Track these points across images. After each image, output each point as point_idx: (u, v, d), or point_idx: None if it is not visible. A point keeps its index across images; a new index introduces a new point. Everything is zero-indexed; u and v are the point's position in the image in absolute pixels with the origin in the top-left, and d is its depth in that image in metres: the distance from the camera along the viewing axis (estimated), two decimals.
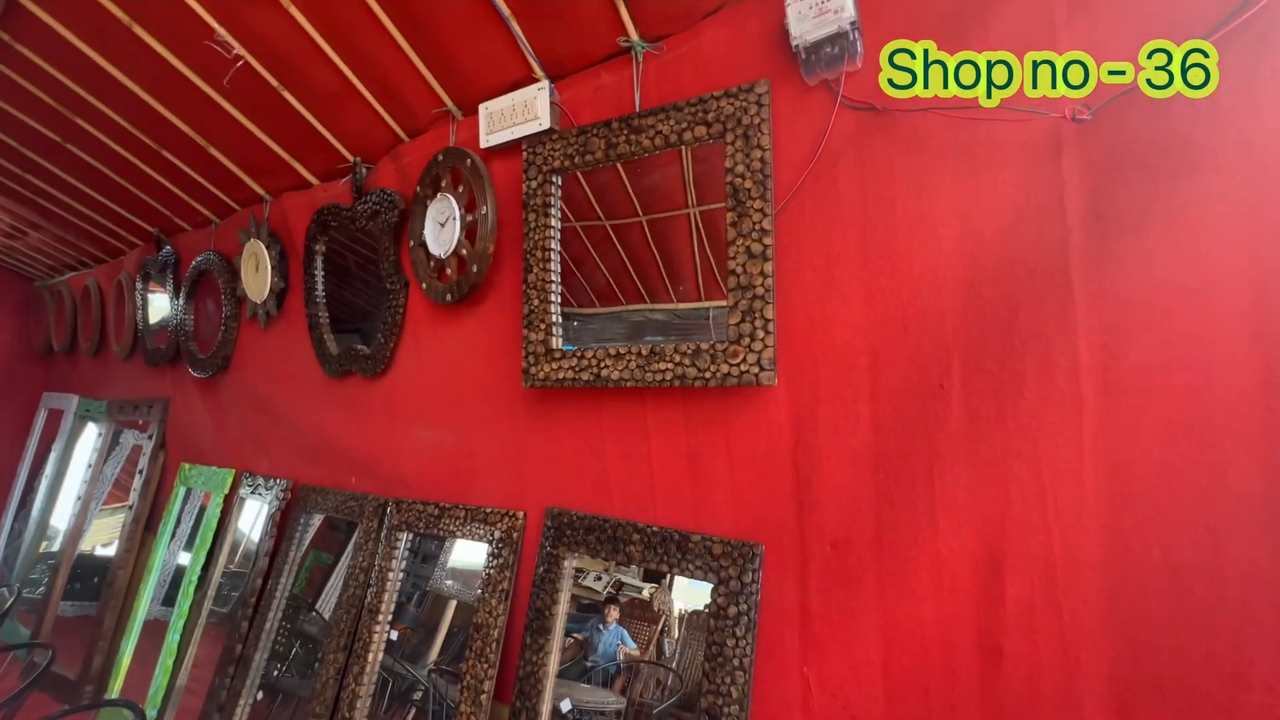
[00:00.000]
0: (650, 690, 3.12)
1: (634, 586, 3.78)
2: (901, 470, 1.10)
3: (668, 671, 3.24)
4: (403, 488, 1.96)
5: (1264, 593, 0.83)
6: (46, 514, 3.70)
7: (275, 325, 2.44)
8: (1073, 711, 0.94)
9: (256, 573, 2.26)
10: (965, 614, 1.03)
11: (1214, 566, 0.86)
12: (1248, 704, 0.83)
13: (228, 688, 2.12)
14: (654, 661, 3.24)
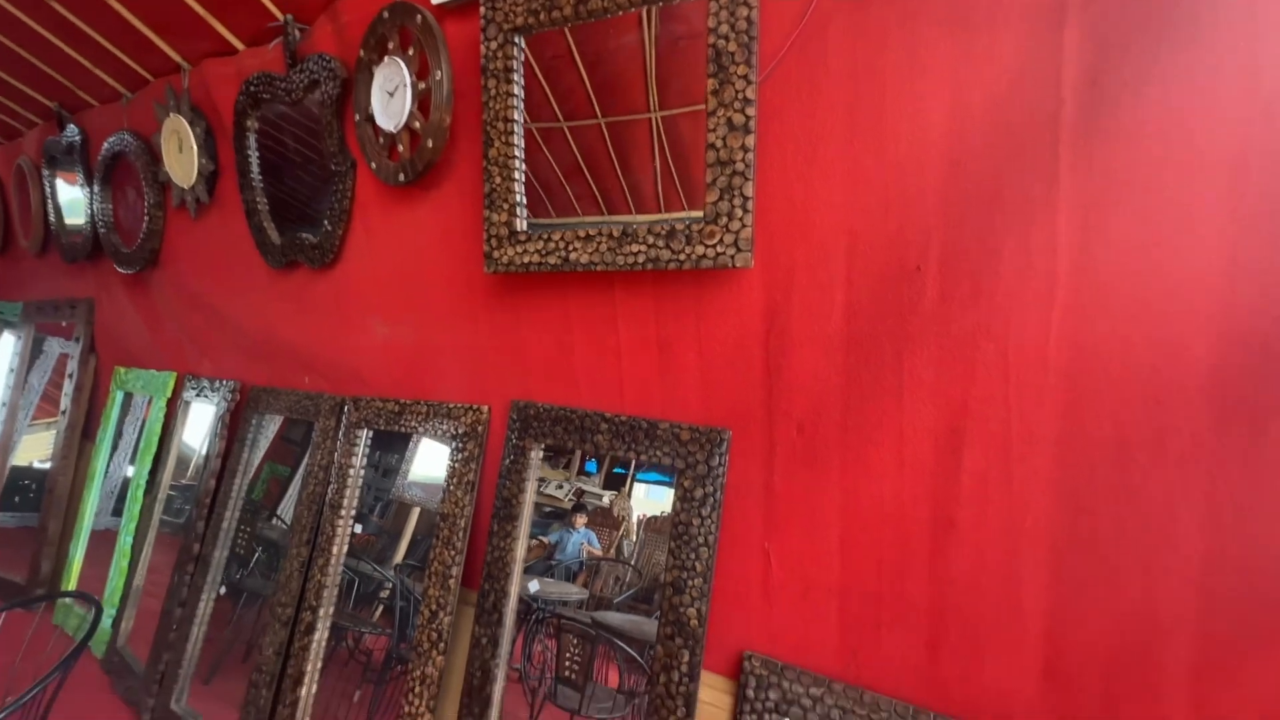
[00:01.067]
0: (610, 586, 3.29)
1: (594, 494, 3.88)
2: (871, 354, 1.10)
3: (626, 568, 3.41)
4: (360, 385, 1.89)
5: (1199, 460, 0.88)
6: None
7: (208, 214, 2.23)
8: (1012, 575, 1.00)
9: (209, 474, 2.20)
10: (922, 489, 1.07)
11: (1157, 438, 0.90)
12: (1170, 563, 0.90)
13: (188, 585, 2.11)
14: (614, 559, 3.39)
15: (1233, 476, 0.86)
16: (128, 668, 2.21)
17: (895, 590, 1.10)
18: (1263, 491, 0.85)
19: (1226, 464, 0.86)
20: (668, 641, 1.24)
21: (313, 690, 1.72)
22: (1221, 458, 0.86)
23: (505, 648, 1.48)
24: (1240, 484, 0.86)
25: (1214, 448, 0.87)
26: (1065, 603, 0.96)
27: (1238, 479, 0.86)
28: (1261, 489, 0.85)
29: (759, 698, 1.19)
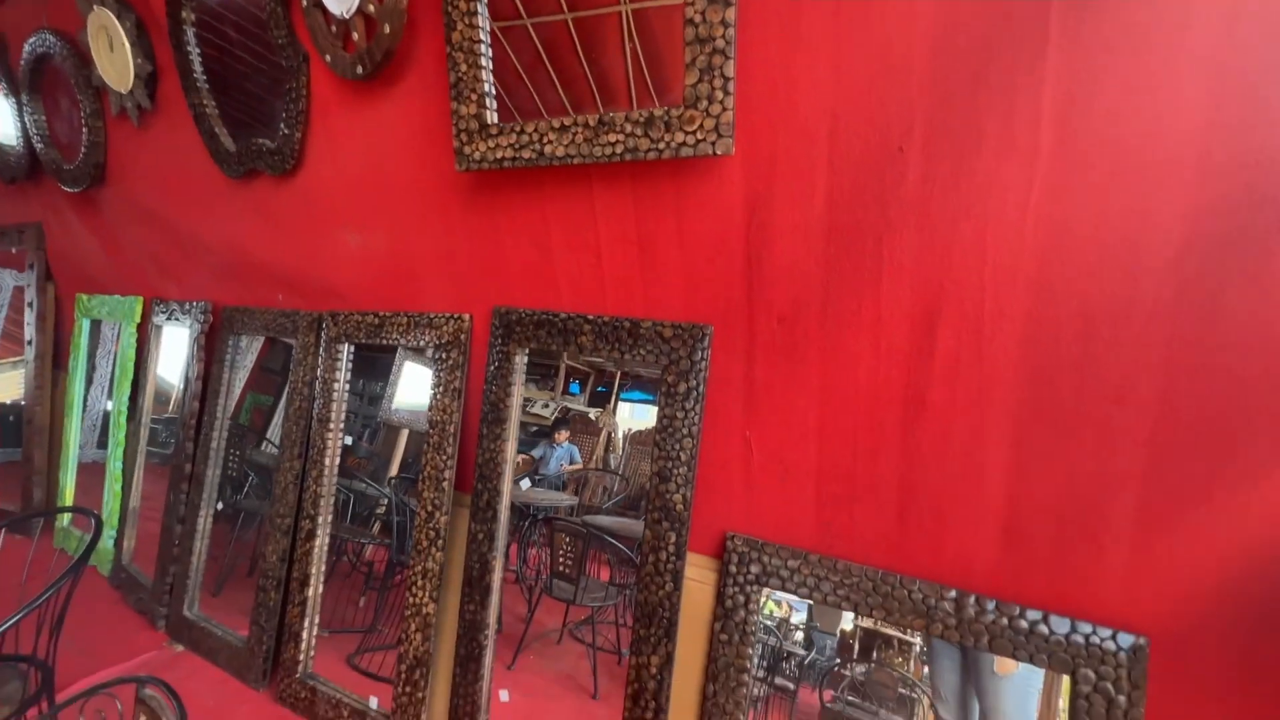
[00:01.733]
0: (598, 495, 3.42)
1: (580, 411, 3.96)
2: (852, 242, 1.10)
3: (614, 478, 3.54)
4: (336, 300, 1.86)
5: (1159, 329, 0.92)
6: None
7: (153, 122, 2.08)
8: (977, 447, 1.07)
9: (191, 395, 2.19)
10: (896, 372, 1.11)
11: (1123, 309, 0.94)
12: (1123, 426, 0.96)
13: (184, 502, 2.15)
14: (601, 469, 3.51)
15: (1188, 343, 0.91)
16: (136, 582, 2.29)
17: (868, 468, 1.16)
18: (1215, 356, 0.90)
19: (1183, 331, 0.90)
20: (655, 525, 1.31)
21: (319, 591, 1.81)
22: (1179, 325, 0.90)
23: (501, 541, 1.56)
24: (1195, 349, 0.90)
25: (1173, 317, 0.90)
26: (1025, 469, 1.03)
27: (1193, 345, 0.90)
28: (1214, 353, 0.89)
29: (741, 572, 1.29)
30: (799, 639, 1.35)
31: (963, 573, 1.11)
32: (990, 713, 1.14)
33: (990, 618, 1.07)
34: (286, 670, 1.78)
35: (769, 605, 1.35)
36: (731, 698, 1.27)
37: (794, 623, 1.35)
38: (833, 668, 1.32)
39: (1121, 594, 0.99)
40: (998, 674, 1.13)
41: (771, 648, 1.36)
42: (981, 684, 1.15)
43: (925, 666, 1.21)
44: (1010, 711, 1.12)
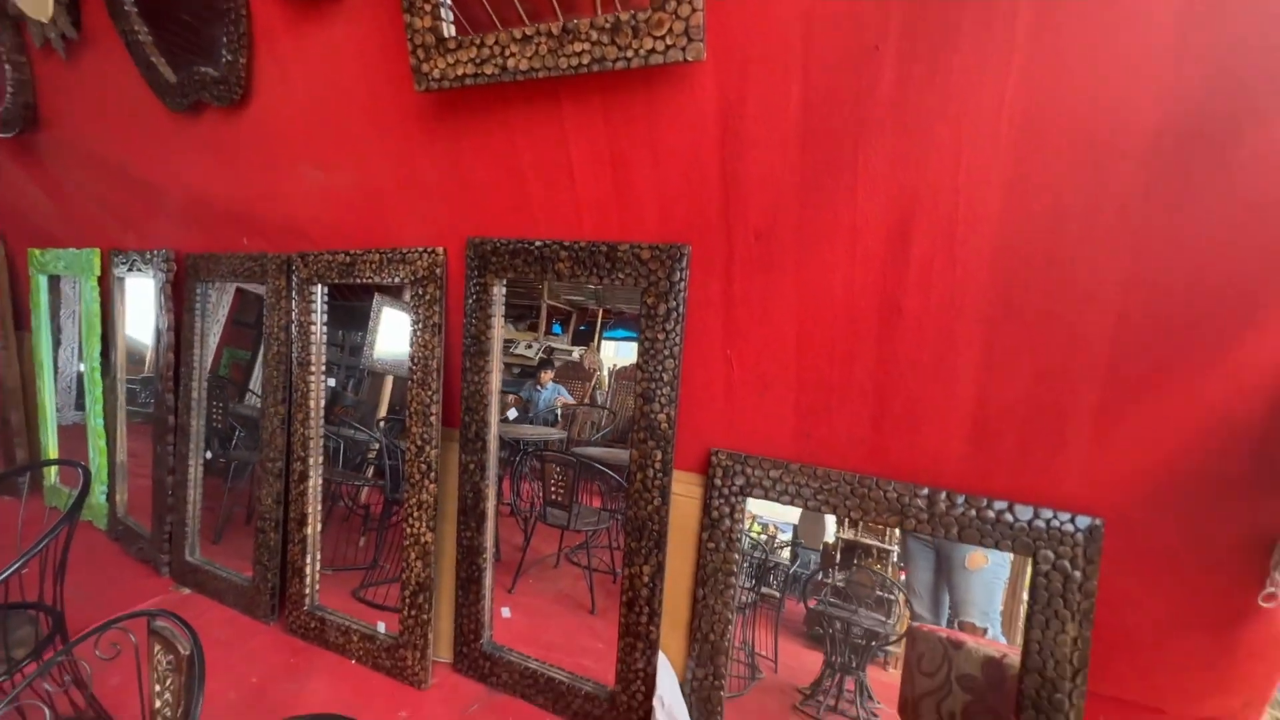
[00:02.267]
0: (586, 430, 3.48)
1: (564, 351, 3.97)
2: (828, 149, 1.08)
3: (601, 412, 3.60)
4: (304, 240, 1.80)
5: (1128, 225, 0.93)
6: None
7: (81, 54, 1.93)
8: (949, 347, 1.10)
9: (165, 347, 2.14)
10: (871, 280, 1.12)
11: (1094, 203, 0.94)
12: (1089, 322, 0.99)
13: (172, 453, 2.15)
14: (589, 404, 3.56)
15: (1155, 238, 0.93)
16: (134, 533, 2.32)
17: (845, 377, 1.19)
18: (1179, 248, 0.92)
19: (1151, 223, 0.92)
20: (642, 444, 1.35)
21: (317, 529, 1.85)
22: (1148, 217, 0.92)
23: (492, 470, 1.59)
24: (1161, 241, 0.92)
25: (1142, 210, 0.92)
26: (994, 370, 1.07)
27: (1159, 237, 0.92)
28: (1179, 245, 0.91)
29: (725, 485, 1.34)
30: (785, 556, 1.43)
31: (934, 471, 1.17)
32: (960, 603, 1.23)
33: (959, 510, 1.14)
34: (294, 604, 1.85)
35: (754, 527, 1.42)
36: (720, 599, 1.35)
37: (780, 540, 1.43)
38: (815, 576, 1.41)
39: (1080, 481, 1.06)
40: (968, 569, 1.21)
41: (758, 561, 1.44)
42: (953, 579, 1.23)
43: (902, 572, 1.30)
44: (979, 600, 1.22)
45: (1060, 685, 1.07)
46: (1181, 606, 1.01)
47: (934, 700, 1.27)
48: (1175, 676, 1.04)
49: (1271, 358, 0.89)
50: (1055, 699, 1.07)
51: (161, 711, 1.07)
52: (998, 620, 1.22)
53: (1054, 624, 1.07)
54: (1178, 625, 1.02)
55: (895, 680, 1.32)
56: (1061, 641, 1.06)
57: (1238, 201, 0.87)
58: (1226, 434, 0.93)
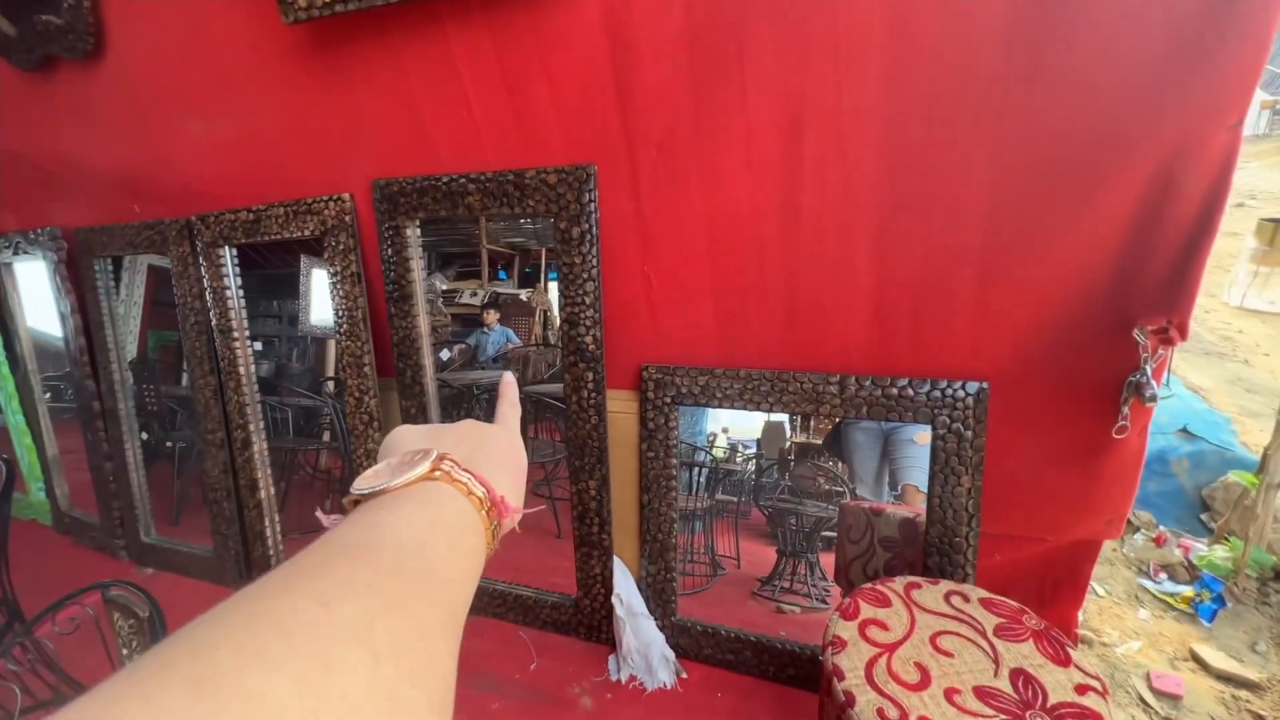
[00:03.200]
0: (541, 371, 3.51)
1: (510, 294, 3.92)
2: (715, 53, 1.09)
3: (553, 352, 3.60)
4: (199, 200, 1.70)
5: (991, 102, 0.99)
6: None
7: None
8: (846, 239, 1.16)
9: (73, 329, 2.03)
10: (770, 182, 1.16)
11: (960, 85, 0.99)
12: (965, 196, 1.06)
13: (105, 439, 2.09)
14: (539, 345, 3.57)
15: (1015, 114, 0.98)
16: (84, 524, 2.28)
17: (756, 280, 1.25)
18: (1037, 122, 0.98)
19: (1010, 102, 0.98)
20: (572, 368, 1.40)
21: (270, 492, 1.86)
22: (1008, 96, 0.97)
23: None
24: (1020, 120, 0.98)
25: (1003, 84, 0.97)
26: (887, 256, 1.14)
27: (1019, 116, 0.98)
28: (1036, 118, 0.98)
29: (658, 397, 1.41)
30: (751, 469, 1.54)
31: (843, 359, 1.26)
32: (905, 469, 1.34)
33: (867, 392, 1.24)
34: (260, 566, 1.88)
35: (718, 449, 1.51)
36: (664, 501, 1.45)
37: (745, 454, 1.52)
38: (770, 478, 1.53)
39: (968, 351, 1.16)
40: (916, 442, 1.32)
41: (710, 470, 1.54)
42: (900, 453, 1.34)
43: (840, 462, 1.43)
44: (922, 464, 1.33)
45: (958, 530, 1.21)
46: (1053, 448, 1.15)
47: (861, 563, 1.42)
48: (1051, 509, 1.20)
49: (1118, 212, 0.98)
50: (955, 542, 1.22)
51: None
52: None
53: (951, 479, 1.20)
54: (1051, 465, 1.16)
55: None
56: (958, 493, 1.20)
57: (1085, 66, 0.93)
58: (1082, 294, 1.04)
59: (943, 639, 0.96)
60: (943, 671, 0.90)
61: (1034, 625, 0.98)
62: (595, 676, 1.46)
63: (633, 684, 1.43)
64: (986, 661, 0.91)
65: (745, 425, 1.50)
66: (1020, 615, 1.00)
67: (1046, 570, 1.28)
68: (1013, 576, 1.27)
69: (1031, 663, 0.91)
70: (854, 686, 0.89)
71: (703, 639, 1.47)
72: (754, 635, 1.42)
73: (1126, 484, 1.12)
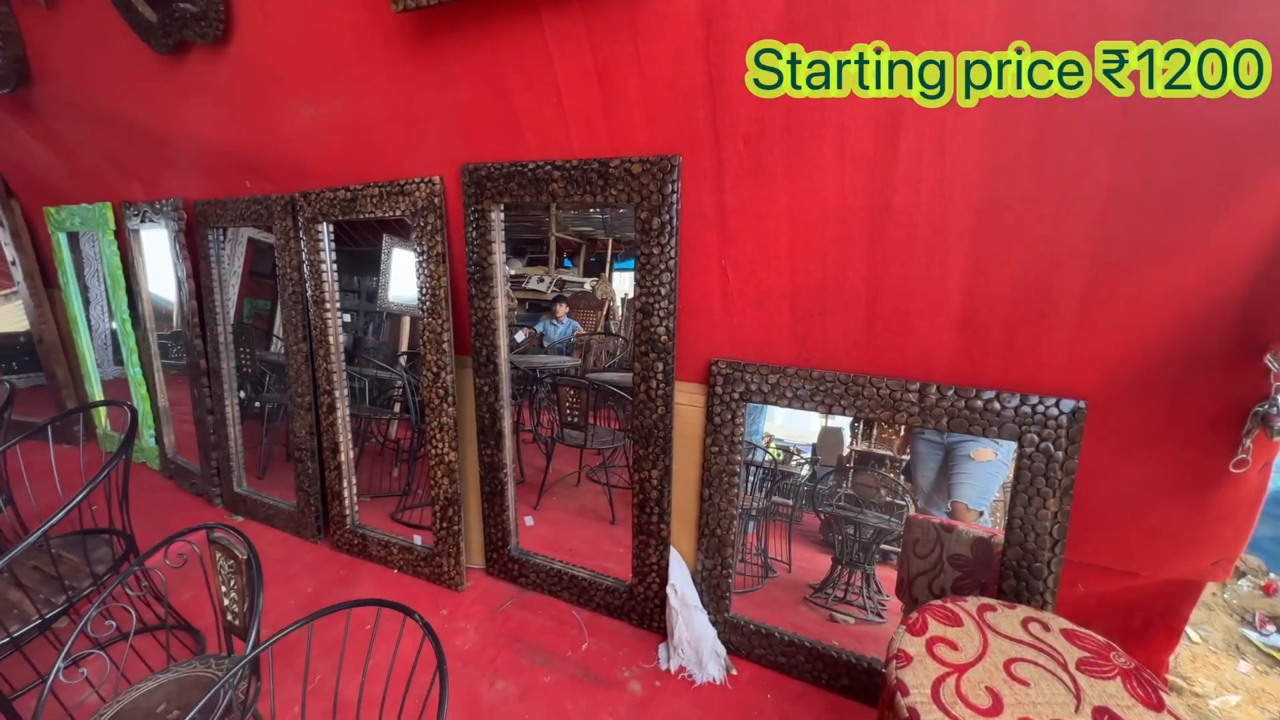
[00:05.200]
0: (601, 359, 3.55)
1: (575, 283, 4.00)
2: (814, 40, 1.06)
3: (615, 340, 3.66)
4: (304, 178, 1.82)
5: (1119, 98, 0.92)
6: None
7: (60, 1, 1.90)
8: (940, 243, 1.11)
9: (187, 294, 2.23)
10: (861, 178, 1.12)
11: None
12: (1076, 201, 0.99)
13: (209, 394, 2.28)
14: (602, 333, 3.62)
15: (1143, 116, 0.91)
16: (186, 471, 2.50)
17: (837, 279, 1.22)
18: (1168, 129, 0.90)
19: (1139, 107, 0.90)
20: (643, 357, 1.41)
21: (350, 455, 1.98)
22: (1137, 100, 0.90)
23: (505, 391, 1.67)
24: (1150, 121, 0.91)
25: (1133, 80, 0.90)
26: (982, 261, 1.09)
27: (1148, 119, 0.91)
28: (1165, 120, 0.90)
29: (726, 393, 1.40)
30: (805, 473, 1.51)
31: (925, 366, 1.21)
32: (958, 486, 1.30)
33: (949, 402, 1.18)
34: (337, 524, 2.01)
35: (773, 449, 1.49)
36: (725, 497, 1.44)
37: (800, 459, 1.50)
38: (829, 484, 1.49)
39: (1065, 366, 1.09)
40: (974, 459, 1.27)
41: (769, 471, 1.52)
42: (956, 468, 1.30)
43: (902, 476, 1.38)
44: (977, 485, 1.28)
45: (1039, 555, 1.15)
46: (1156, 477, 1.07)
47: (927, 579, 1.37)
48: (1149, 542, 1.11)
49: (1250, 238, 0.89)
50: (1034, 567, 1.15)
51: (230, 608, 1.22)
52: (988, 507, 1.29)
53: (1035, 500, 1.14)
54: (1153, 495, 1.08)
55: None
56: (1042, 516, 1.13)
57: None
58: (1204, 312, 0.95)
59: (1018, 666, 0.91)
60: (1016, 700, 0.86)
61: (1123, 664, 0.91)
62: (645, 663, 1.48)
63: (681, 675, 1.44)
64: (1067, 696, 0.86)
65: (801, 428, 1.46)
66: (1107, 651, 0.94)
67: (1136, 607, 1.19)
68: (1096, 609, 1.19)
69: (1118, 703, 0.85)
70: (919, 704, 0.86)
71: (755, 638, 1.46)
72: (809, 640, 1.40)
73: (1241, 524, 1.03)
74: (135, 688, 1.16)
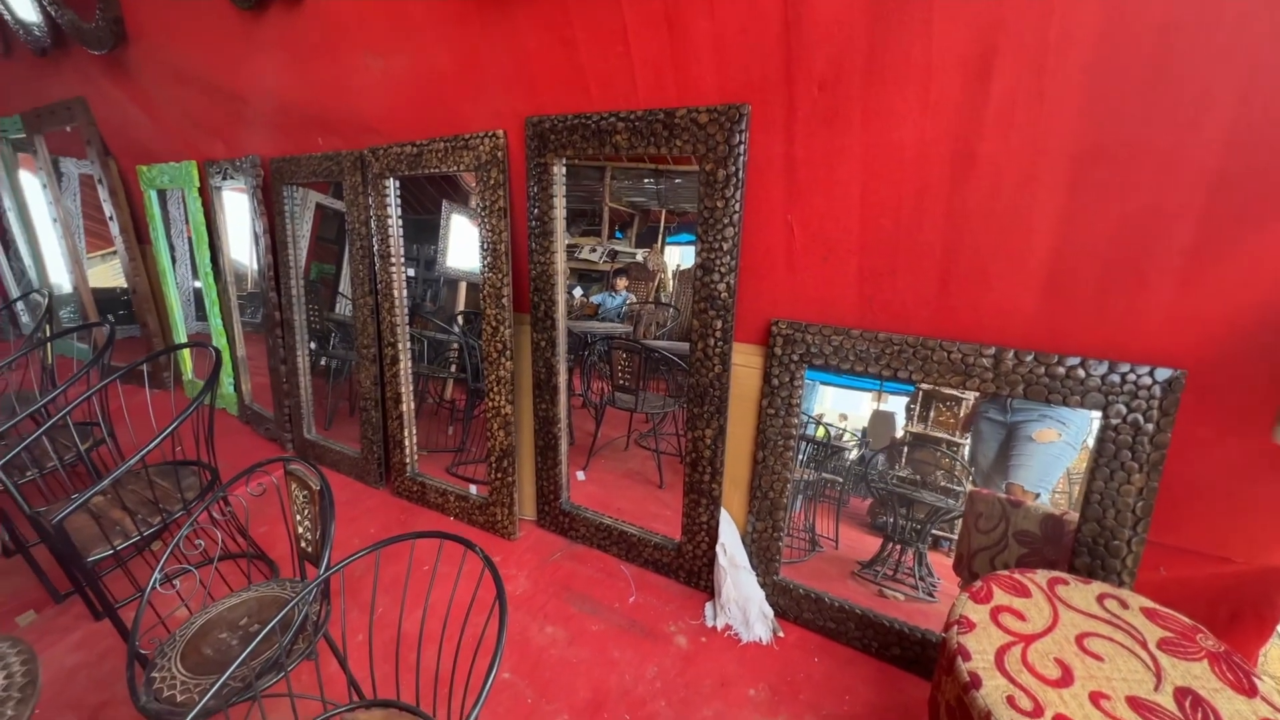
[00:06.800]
0: (652, 330, 3.55)
1: (628, 254, 3.97)
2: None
3: (666, 311, 3.64)
4: (372, 134, 1.87)
5: (1247, 29, 0.82)
6: (39, 260, 3.67)
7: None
8: (1028, 195, 1.03)
9: (264, 250, 2.34)
10: (945, 126, 1.05)
11: (1208, 12, 0.83)
12: (1190, 148, 0.90)
13: (282, 344, 2.41)
14: (654, 303, 3.60)
15: (1274, 54, 0.81)
16: (261, 416, 2.67)
17: (911, 235, 1.16)
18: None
19: (1271, 40, 0.80)
20: (702, 315, 1.39)
21: (411, 406, 2.06)
22: (1271, 32, 0.80)
23: (562, 345, 1.69)
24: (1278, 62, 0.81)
25: (1266, 22, 0.80)
26: (1076, 215, 1.01)
27: (1277, 56, 0.81)
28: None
29: (785, 354, 1.37)
30: (852, 456, 1.46)
31: (1000, 329, 1.15)
32: (1017, 468, 1.24)
33: (1027, 368, 1.12)
34: (397, 472, 2.10)
35: (821, 430, 1.45)
36: (779, 460, 1.42)
37: (849, 442, 1.45)
38: (879, 469, 1.44)
39: (1161, 331, 1.01)
40: (1035, 440, 1.21)
41: (820, 444, 1.48)
42: (1017, 449, 1.24)
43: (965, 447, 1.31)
44: (1037, 468, 1.22)
45: (1119, 533, 1.08)
46: (1257, 455, 0.98)
47: (989, 554, 1.32)
48: (1245, 525, 1.03)
49: None
50: (1113, 545, 1.09)
51: (304, 536, 1.29)
52: (1048, 491, 1.22)
53: (1119, 475, 1.07)
54: (1252, 474, 0.99)
55: (951, 561, 1.38)
56: (1125, 492, 1.07)
57: None
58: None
59: (1091, 641, 0.87)
60: (1089, 674, 0.82)
61: (1211, 646, 0.86)
62: (691, 619, 1.49)
63: (728, 633, 1.45)
64: (1145, 673, 0.82)
65: (851, 409, 1.40)
66: (1193, 633, 0.88)
67: (1224, 595, 1.11)
68: (1179, 595, 1.12)
69: (1205, 685, 0.80)
70: (981, 669, 0.83)
71: (804, 602, 1.45)
72: (860, 608, 1.38)
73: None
74: (220, 602, 1.26)
